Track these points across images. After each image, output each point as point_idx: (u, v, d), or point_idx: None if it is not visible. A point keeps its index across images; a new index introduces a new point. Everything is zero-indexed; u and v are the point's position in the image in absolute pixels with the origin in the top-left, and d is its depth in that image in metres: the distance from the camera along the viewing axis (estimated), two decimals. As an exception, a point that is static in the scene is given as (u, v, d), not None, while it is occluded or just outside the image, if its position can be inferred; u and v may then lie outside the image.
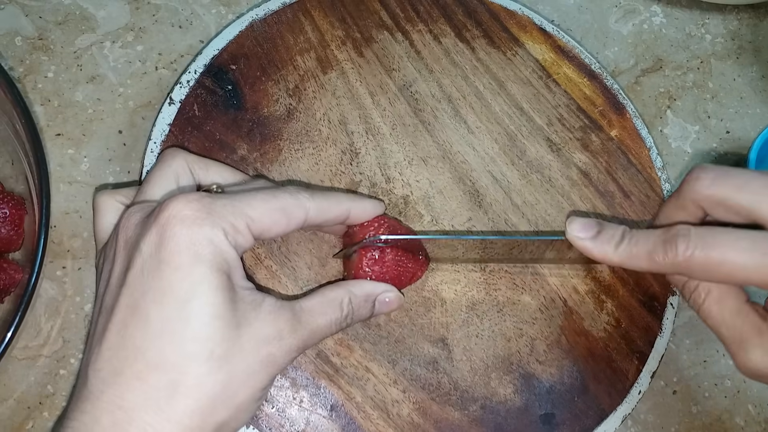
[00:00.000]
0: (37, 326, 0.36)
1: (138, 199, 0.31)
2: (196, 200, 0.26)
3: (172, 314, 0.25)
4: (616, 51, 0.47)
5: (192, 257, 0.25)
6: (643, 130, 0.42)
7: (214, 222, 0.26)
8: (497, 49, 0.42)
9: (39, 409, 0.35)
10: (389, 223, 0.33)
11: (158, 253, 0.26)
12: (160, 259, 0.25)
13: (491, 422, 0.35)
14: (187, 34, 0.42)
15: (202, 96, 0.38)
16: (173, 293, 0.25)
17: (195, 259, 0.25)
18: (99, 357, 0.26)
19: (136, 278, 0.26)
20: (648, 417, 0.40)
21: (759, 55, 0.49)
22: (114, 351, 0.25)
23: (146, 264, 0.26)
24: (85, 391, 0.26)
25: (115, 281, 0.27)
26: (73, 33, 0.41)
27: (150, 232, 0.26)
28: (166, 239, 0.25)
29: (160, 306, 0.25)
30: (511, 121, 0.41)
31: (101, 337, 0.26)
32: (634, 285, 0.39)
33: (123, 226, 0.28)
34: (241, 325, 0.26)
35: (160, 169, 0.31)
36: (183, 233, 0.25)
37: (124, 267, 0.27)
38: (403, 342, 0.36)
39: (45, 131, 0.39)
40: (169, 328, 0.25)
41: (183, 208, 0.26)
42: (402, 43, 0.41)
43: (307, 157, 0.38)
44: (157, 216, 0.26)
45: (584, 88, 0.42)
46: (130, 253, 0.27)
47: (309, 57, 0.40)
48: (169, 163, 0.32)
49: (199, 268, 0.25)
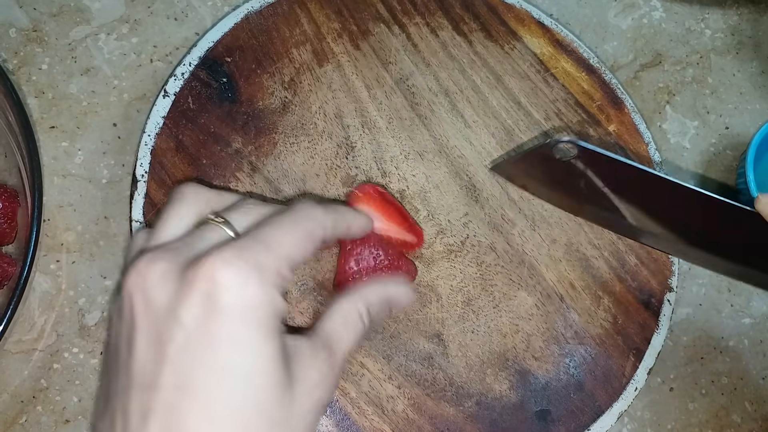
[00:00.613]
0: (31, 320, 0.36)
1: (153, 242, 0.27)
2: (236, 255, 0.23)
3: (230, 392, 0.23)
4: (615, 45, 0.47)
5: (246, 326, 0.23)
6: (641, 125, 0.42)
7: (261, 278, 0.23)
8: (495, 43, 0.42)
9: (33, 403, 0.35)
10: (377, 237, 0.34)
11: (206, 325, 0.23)
12: (210, 334, 0.23)
13: (486, 418, 0.35)
14: (182, 26, 0.42)
15: (196, 88, 0.37)
16: (231, 370, 0.23)
17: (249, 328, 0.23)
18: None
19: (181, 354, 0.23)
20: (644, 414, 0.39)
21: (759, 50, 0.49)
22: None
23: (192, 339, 0.23)
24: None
25: (147, 354, 0.23)
26: (68, 25, 0.41)
27: (190, 301, 0.23)
28: (215, 311, 0.23)
29: (216, 386, 0.23)
30: (508, 116, 0.40)
31: (145, 419, 0.23)
32: (631, 281, 0.38)
33: (140, 280, 0.24)
34: (294, 382, 0.24)
35: (176, 208, 0.28)
36: (233, 301, 0.23)
37: (156, 337, 0.23)
38: (399, 337, 0.35)
39: (39, 124, 0.39)
40: (229, 407, 0.23)
41: (224, 267, 0.23)
42: (399, 36, 0.41)
43: (302, 151, 0.38)
44: (195, 279, 0.23)
45: (582, 82, 0.42)
46: (162, 321, 0.23)
47: (305, 49, 0.39)
48: (185, 200, 0.28)
49: (256, 337, 0.23)
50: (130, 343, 0.24)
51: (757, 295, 0.43)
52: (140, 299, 0.24)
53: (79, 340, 0.36)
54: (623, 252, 0.39)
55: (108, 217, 0.38)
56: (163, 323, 0.23)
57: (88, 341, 0.36)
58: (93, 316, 0.36)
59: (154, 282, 0.24)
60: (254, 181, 0.36)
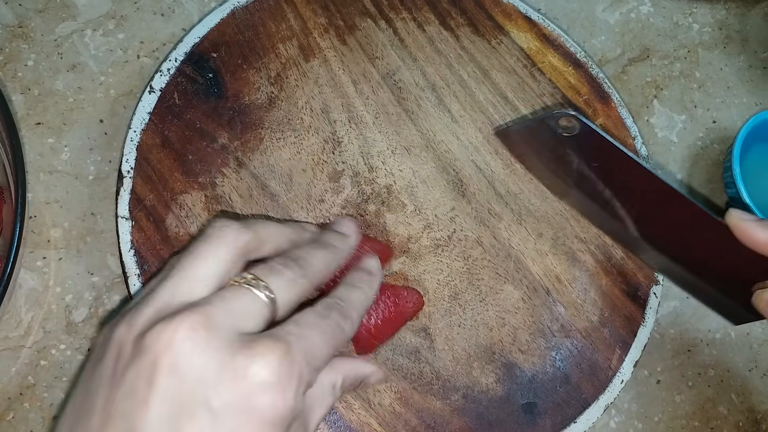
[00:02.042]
0: (18, 317, 0.36)
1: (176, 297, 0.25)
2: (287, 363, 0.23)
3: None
4: (603, 40, 0.47)
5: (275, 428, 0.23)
6: (628, 119, 0.42)
7: (299, 389, 0.23)
8: (482, 38, 0.42)
9: (20, 400, 0.35)
10: (371, 243, 0.34)
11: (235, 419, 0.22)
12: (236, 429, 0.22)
13: (473, 411, 0.35)
14: (169, 22, 0.42)
15: (182, 84, 0.37)
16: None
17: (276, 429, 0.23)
18: None
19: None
20: (631, 406, 0.40)
21: (746, 44, 0.49)
22: None
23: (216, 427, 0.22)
24: None
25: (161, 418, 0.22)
26: (54, 21, 0.41)
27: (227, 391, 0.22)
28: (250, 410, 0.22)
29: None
30: (495, 110, 0.40)
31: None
32: (618, 275, 0.39)
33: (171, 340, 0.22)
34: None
35: (210, 250, 0.26)
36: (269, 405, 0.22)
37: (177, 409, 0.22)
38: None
39: (25, 120, 0.39)
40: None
41: (271, 376, 0.22)
42: (385, 31, 0.41)
43: (288, 146, 0.38)
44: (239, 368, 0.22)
45: (569, 77, 0.42)
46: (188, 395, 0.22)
47: (291, 45, 0.39)
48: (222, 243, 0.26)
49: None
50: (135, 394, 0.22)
51: None
52: (167, 361, 0.22)
53: (66, 336, 0.36)
54: (609, 246, 0.39)
55: (95, 214, 0.38)
56: (188, 398, 0.22)
57: (75, 338, 0.36)
58: (80, 312, 0.36)
59: (188, 350, 0.22)
60: (240, 176, 0.36)
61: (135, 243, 0.34)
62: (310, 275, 0.27)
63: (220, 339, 0.23)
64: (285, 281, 0.26)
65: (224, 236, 0.26)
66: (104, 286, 0.37)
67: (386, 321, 0.33)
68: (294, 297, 0.26)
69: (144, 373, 0.22)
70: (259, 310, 0.25)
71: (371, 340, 0.33)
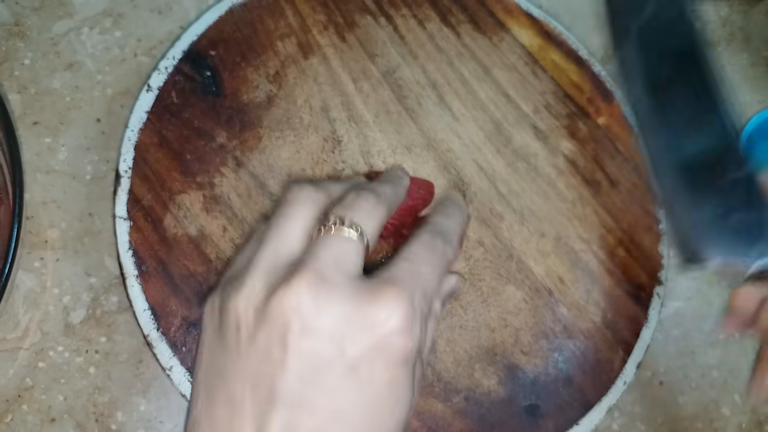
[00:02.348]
0: (15, 318, 0.36)
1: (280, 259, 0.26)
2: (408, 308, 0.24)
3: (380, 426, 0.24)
4: (606, 37, 0.47)
5: (405, 371, 0.25)
6: (631, 117, 0.41)
7: (422, 324, 0.25)
8: (483, 35, 0.41)
9: (18, 402, 0.34)
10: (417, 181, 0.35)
11: (372, 366, 0.24)
12: (372, 374, 0.24)
13: (475, 414, 0.35)
14: (166, 19, 0.41)
15: (180, 83, 0.37)
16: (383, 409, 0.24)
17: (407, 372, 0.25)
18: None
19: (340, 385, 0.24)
20: (634, 408, 0.39)
21: (749, 42, 0.49)
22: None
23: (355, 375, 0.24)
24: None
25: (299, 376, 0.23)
26: (50, 19, 0.40)
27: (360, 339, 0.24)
28: (383, 353, 0.24)
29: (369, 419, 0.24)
30: (496, 109, 0.40)
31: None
32: (621, 275, 0.38)
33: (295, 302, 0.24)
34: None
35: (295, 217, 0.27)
36: (401, 347, 0.24)
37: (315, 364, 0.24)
38: (386, 333, 0.35)
39: (22, 119, 0.38)
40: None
41: (401, 322, 0.24)
42: (385, 28, 0.40)
43: (287, 145, 0.37)
44: (372, 328, 0.24)
45: (572, 74, 0.42)
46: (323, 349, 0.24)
47: (290, 42, 0.39)
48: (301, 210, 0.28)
49: (409, 380, 0.25)
50: (270, 358, 0.24)
51: (747, 288, 0.43)
52: (296, 323, 0.23)
53: (64, 338, 0.35)
54: (612, 246, 0.39)
55: (92, 214, 0.37)
56: (324, 353, 0.23)
57: (73, 339, 0.35)
58: (78, 314, 0.36)
59: (314, 309, 0.24)
60: (239, 176, 0.36)
61: (133, 243, 0.34)
62: (384, 200, 0.29)
63: (339, 291, 0.24)
64: (365, 212, 0.27)
65: (304, 196, 0.28)
66: (102, 287, 0.36)
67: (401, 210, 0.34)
68: (378, 224, 0.28)
69: (275, 338, 0.23)
70: (355, 248, 0.26)
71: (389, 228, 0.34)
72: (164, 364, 0.32)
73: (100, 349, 0.35)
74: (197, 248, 0.34)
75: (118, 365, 0.35)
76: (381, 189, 0.30)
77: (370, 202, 0.28)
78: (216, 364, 0.25)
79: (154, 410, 0.35)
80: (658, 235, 0.40)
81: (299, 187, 0.28)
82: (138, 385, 0.35)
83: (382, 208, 0.28)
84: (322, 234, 0.26)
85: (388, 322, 0.24)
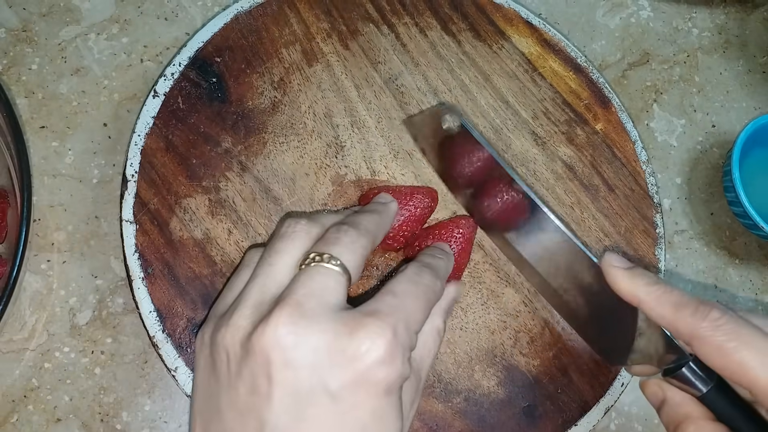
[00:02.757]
0: (22, 320, 0.36)
1: (267, 294, 0.27)
2: (390, 341, 0.25)
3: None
4: (603, 44, 0.48)
5: (389, 401, 0.25)
6: (628, 123, 0.42)
7: (404, 354, 0.25)
8: (483, 43, 0.42)
9: (24, 403, 0.35)
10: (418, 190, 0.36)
11: (354, 396, 0.24)
12: (355, 404, 0.24)
13: (474, 414, 0.35)
14: (172, 26, 0.42)
15: (186, 89, 0.37)
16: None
17: (391, 401, 0.25)
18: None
19: (322, 417, 0.24)
20: (632, 409, 0.40)
21: (746, 49, 0.49)
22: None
23: (337, 407, 0.24)
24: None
25: (284, 409, 0.24)
26: (58, 25, 0.41)
27: (341, 371, 0.24)
28: (366, 384, 0.24)
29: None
30: (496, 115, 0.41)
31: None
32: (618, 278, 0.39)
33: (276, 338, 0.24)
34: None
35: (287, 252, 0.29)
36: (383, 377, 0.25)
37: (296, 397, 0.24)
38: (388, 335, 0.36)
39: (29, 124, 0.39)
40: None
41: (381, 354, 0.24)
42: (388, 36, 0.41)
43: (291, 150, 0.38)
44: (348, 348, 0.24)
45: (570, 81, 0.42)
46: (304, 381, 0.24)
47: (294, 49, 0.40)
48: (294, 244, 0.29)
49: (394, 409, 0.25)
50: (257, 390, 0.25)
51: (742, 292, 0.44)
52: (278, 358, 0.24)
53: (70, 339, 0.36)
54: (609, 250, 0.39)
55: (99, 217, 0.38)
56: (307, 384, 0.24)
57: (79, 340, 0.36)
58: (84, 315, 0.36)
59: (293, 342, 0.24)
60: (244, 180, 0.37)
61: (139, 246, 0.35)
62: (364, 233, 0.30)
63: (319, 322, 0.25)
64: (345, 246, 0.28)
65: (298, 230, 0.29)
66: (108, 289, 0.37)
67: (408, 222, 0.35)
68: (359, 257, 0.28)
69: (261, 371, 0.24)
70: (337, 280, 0.27)
71: (397, 238, 0.35)
72: (169, 365, 0.33)
73: (106, 350, 0.36)
74: (202, 251, 0.35)
75: (124, 366, 0.36)
76: (364, 222, 0.30)
77: (350, 237, 0.29)
78: (210, 394, 0.27)
79: (159, 410, 0.36)
80: (655, 240, 0.40)
81: (294, 221, 0.30)
82: (143, 386, 0.36)
83: (364, 241, 0.29)
84: (304, 268, 0.27)
85: (370, 353, 0.24)
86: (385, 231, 0.33)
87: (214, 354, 0.27)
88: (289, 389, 0.24)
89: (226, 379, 0.26)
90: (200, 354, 0.28)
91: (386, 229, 0.33)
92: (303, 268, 0.27)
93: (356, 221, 0.30)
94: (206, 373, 0.28)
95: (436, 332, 0.30)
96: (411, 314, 0.27)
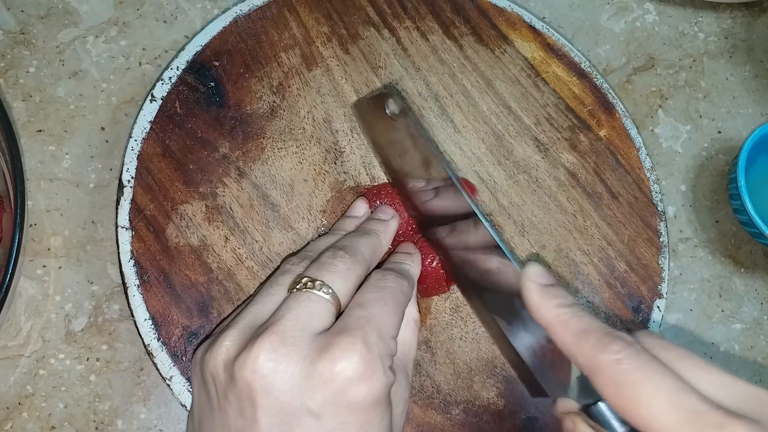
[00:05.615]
0: (17, 326, 0.36)
1: (258, 320, 0.28)
2: (364, 355, 0.25)
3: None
4: (608, 49, 0.47)
5: (376, 411, 0.25)
6: (632, 129, 0.42)
7: (384, 366, 0.25)
8: (485, 47, 0.41)
9: (18, 410, 0.34)
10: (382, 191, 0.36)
11: (338, 416, 0.25)
12: (343, 422, 0.25)
13: (474, 426, 0.35)
14: (171, 29, 0.41)
15: (184, 93, 0.37)
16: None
17: (378, 411, 0.25)
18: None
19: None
20: (634, 420, 0.39)
21: (752, 54, 0.49)
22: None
23: (327, 425, 0.25)
24: None
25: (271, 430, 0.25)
26: (56, 27, 0.40)
27: (320, 393, 0.25)
28: (346, 403, 0.25)
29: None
30: (498, 121, 0.40)
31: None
32: (621, 287, 0.38)
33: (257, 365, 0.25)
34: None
35: (282, 285, 0.29)
36: (364, 395, 0.25)
37: (282, 420, 0.25)
38: (386, 344, 0.35)
39: (26, 127, 0.38)
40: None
41: (355, 370, 0.25)
42: (389, 40, 0.40)
43: (290, 156, 0.37)
44: (323, 372, 0.25)
45: (573, 87, 0.42)
46: (287, 405, 0.25)
47: (293, 53, 0.39)
48: (288, 279, 0.30)
49: (382, 418, 0.26)
50: (243, 413, 0.25)
51: (747, 301, 0.43)
52: (258, 385, 0.25)
53: (65, 346, 0.35)
54: (613, 258, 0.39)
55: (95, 222, 0.37)
56: (289, 408, 0.25)
57: (74, 347, 0.36)
58: (80, 321, 0.36)
59: (272, 370, 0.25)
60: (241, 186, 0.36)
61: (135, 253, 0.34)
62: (360, 260, 0.29)
63: (298, 350, 0.25)
64: (338, 274, 0.28)
65: (297, 265, 0.30)
66: (104, 295, 0.36)
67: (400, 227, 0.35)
68: (351, 285, 0.28)
69: (244, 396, 0.25)
70: (325, 307, 0.27)
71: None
72: (164, 374, 0.33)
73: (101, 357, 0.36)
74: (199, 258, 0.35)
75: (119, 373, 0.35)
76: (361, 249, 0.30)
77: (345, 264, 0.29)
78: (204, 411, 0.28)
79: (155, 418, 0.35)
80: (659, 248, 0.40)
81: (299, 259, 0.31)
82: (138, 393, 0.35)
83: (358, 269, 0.29)
84: (295, 292, 0.28)
85: (344, 372, 0.24)
86: (382, 253, 0.32)
87: (204, 375, 0.27)
88: (273, 412, 0.25)
89: (216, 401, 0.26)
90: (195, 374, 0.29)
91: (383, 252, 0.33)
92: (294, 291, 0.28)
93: (353, 247, 0.30)
94: (200, 391, 0.28)
95: (413, 323, 0.30)
96: (382, 321, 0.27)
